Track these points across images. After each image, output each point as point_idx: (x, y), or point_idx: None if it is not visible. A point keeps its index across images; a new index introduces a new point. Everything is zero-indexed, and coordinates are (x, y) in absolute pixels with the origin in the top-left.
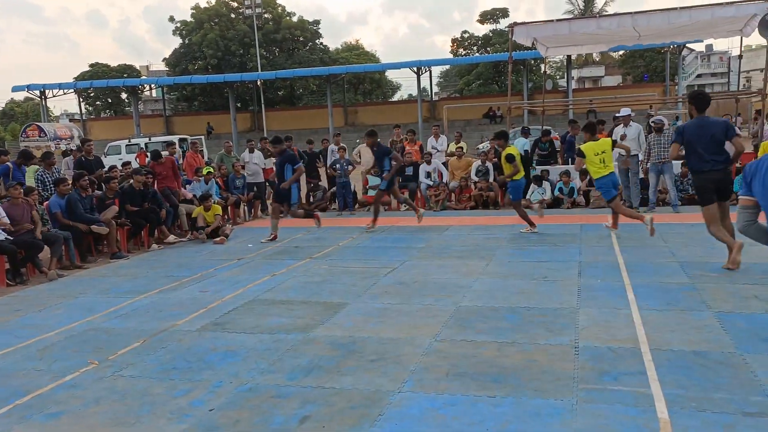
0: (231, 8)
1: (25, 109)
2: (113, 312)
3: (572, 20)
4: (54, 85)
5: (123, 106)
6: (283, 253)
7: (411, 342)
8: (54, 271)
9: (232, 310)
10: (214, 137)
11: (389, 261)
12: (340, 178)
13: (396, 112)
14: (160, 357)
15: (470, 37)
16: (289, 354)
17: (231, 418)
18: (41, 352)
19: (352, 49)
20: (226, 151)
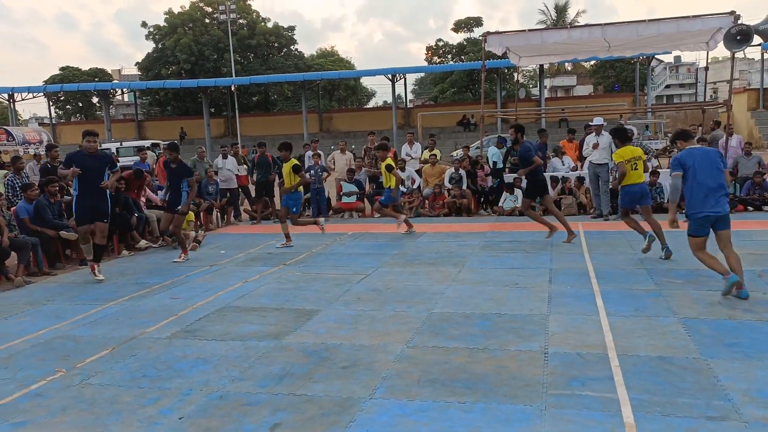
0: (205, 13)
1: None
2: (81, 319)
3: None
4: (23, 88)
5: (94, 111)
6: (255, 260)
7: (383, 348)
8: (21, 278)
9: (204, 317)
10: (187, 142)
11: (362, 268)
12: (314, 184)
13: (371, 119)
14: (129, 365)
15: (445, 45)
16: (260, 361)
17: (201, 426)
18: (6, 361)
19: (327, 56)
20: (199, 157)
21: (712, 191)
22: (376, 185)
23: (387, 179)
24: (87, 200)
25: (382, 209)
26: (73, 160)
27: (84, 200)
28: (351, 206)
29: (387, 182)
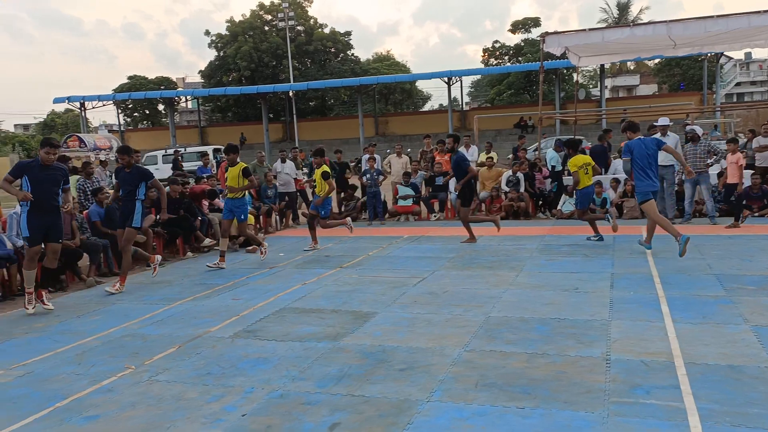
0: (264, 21)
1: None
2: (148, 318)
3: (606, 29)
4: (93, 96)
5: (160, 117)
6: (313, 262)
7: (440, 352)
8: (92, 278)
9: (264, 318)
10: (246, 147)
11: (418, 271)
12: (370, 188)
13: (426, 122)
14: (194, 363)
15: (502, 46)
16: (318, 362)
17: (262, 423)
18: (79, 357)
19: (383, 60)
20: (259, 162)
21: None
22: (433, 188)
23: (320, 186)
24: (39, 217)
25: (326, 223)
26: (23, 170)
27: (35, 217)
28: (407, 209)
29: (320, 189)
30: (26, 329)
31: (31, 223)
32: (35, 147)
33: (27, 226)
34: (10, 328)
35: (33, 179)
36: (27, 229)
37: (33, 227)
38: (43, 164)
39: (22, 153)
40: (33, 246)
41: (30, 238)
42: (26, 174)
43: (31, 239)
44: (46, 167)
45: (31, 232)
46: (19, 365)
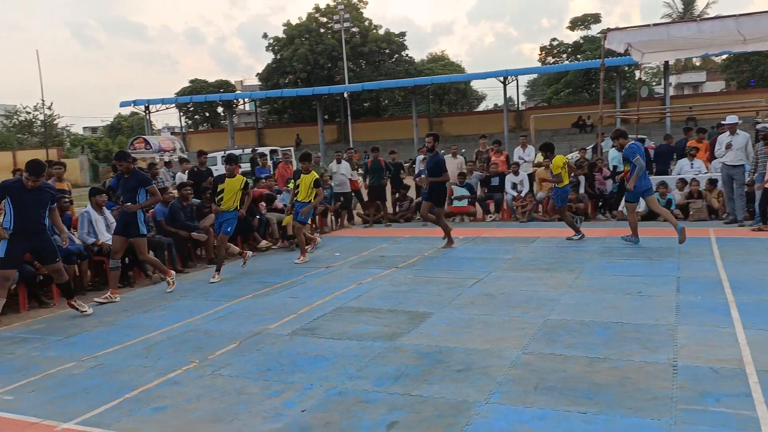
0: (320, 23)
1: (131, 123)
2: (211, 314)
3: (670, 24)
4: (157, 100)
5: (219, 119)
6: (369, 262)
7: (497, 354)
8: (158, 275)
9: (321, 316)
10: (302, 148)
11: (474, 272)
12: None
13: (481, 122)
14: (255, 358)
15: (560, 44)
16: (375, 361)
17: (322, 419)
18: (147, 350)
19: (438, 60)
20: (315, 162)
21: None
22: (489, 189)
23: (308, 192)
24: (23, 241)
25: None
26: (6, 192)
27: (18, 240)
28: (462, 210)
29: (308, 196)
30: (96, 323)
31: (12, 244)
32: (103, 149)
33: (5, 248)
34: (83, 321)
35: (16, 201)
36: (3, 249)
37: (12, 248)
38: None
39: (91, 154)
40: (5, 268)
41: (4, 259)
42: (9, 196)
43: (5, 260)
44: (32, 189)
45: (7, 251)
46: (91, 357)
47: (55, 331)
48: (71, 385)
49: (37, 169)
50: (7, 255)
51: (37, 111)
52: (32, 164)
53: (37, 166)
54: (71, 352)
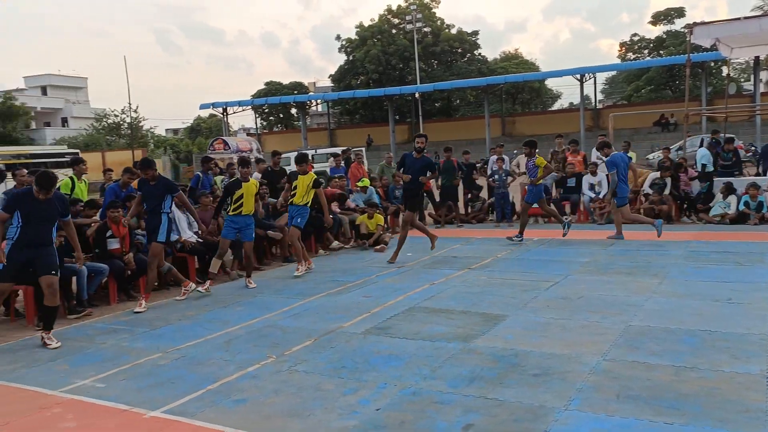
0: (392, 24)
1: (210, 125)
2: (287, 311)
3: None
4: (234, 102)
5: (292, 120)
6: (441, 263)
7: (576, 359)
8: (236, 272)
9: (394, 315)
10: (373, 149)
11: (550, 274)
12: (499, 189)
13: (556, 122)
14: (329, 356)
15: (641, 40)
16: (449, 362)
17: (396, 419)
18: (226, 344)
19: (511, 59)
20: (387, 163)
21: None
22: (564, 190)
23: (306, 195)
24: (24, 250)
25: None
26: (17, 204)
27: (18, 251)
28: (537, 212)
29: (304, 199)
30: (180, 316)
31: (10, 254)
32: (183, 150)
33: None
34: (167, 314)
35: (26, 214)
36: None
37: (10, 259)
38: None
39: (172, 155)
40: (1, 282)
41: (1, 271)
42: (19, 208)
43: (1, 272)
44: (42, 201)
45: (4, 266)
46: (175, 349)
47: (142, 323)
48: (157, 375)
49: (47, 182)
50: (4, 268)
51: (125, 114)
52: (42, 177)
53: (46, 179)
54: (157, 344)
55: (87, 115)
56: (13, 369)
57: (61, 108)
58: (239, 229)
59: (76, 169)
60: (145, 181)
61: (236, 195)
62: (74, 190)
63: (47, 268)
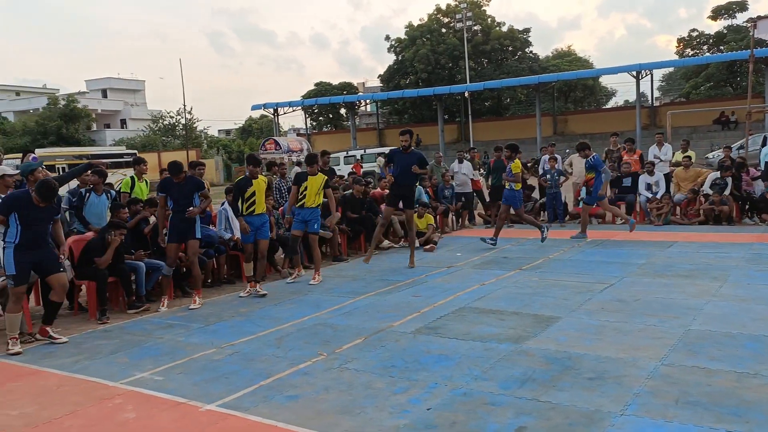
0: (442, 23)
1: (261, 125)
2: (337, 310)
3: None
4: (285, 103)
5: (341, 121)
6: (491, 263)
7: (633, 363)
8: (286, 270)
9: (444, 315)
10: (421, 148)
11: (605, 276)
12: (551, 188)
13: (610, 120)
14: (379, 354)
15: (699, 35)
16: (501, 363)
17: (447, 419)
18: (278, 341)
19: (564, 56)
20: (436, 162)
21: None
22: (619, 189)
23: (317, 196)
24: (28, 253)
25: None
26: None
27: (23, 253)
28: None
29: (316, 201)
30: (233, 313)
31: (18, 258)
32: (235, 150)
33: (13, 262)
34: (220, 311)
35: (23, 217)
36: (13, 266)
37: (20, 263)
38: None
39: (225, 155)
40: (19, 285)
41: (16, 276)
42: (16, 211)
43: (17, 277)
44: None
45: (17, 268)
46: (229, 345)
47: (197, 318)
48: (212, 370)
49: (49, 194)
50: (19, 272)
51: (179, 115)
52: (44, 188)
53: (49, 190)
54: (211, 339)
55: (144, 116)
56: (77, 361)
57: (120, 110)
58: (256, 229)
59: (137, 169)
60: (172, 183)
61: (248, 193)
62: (134, 189)
63: (55, 267)
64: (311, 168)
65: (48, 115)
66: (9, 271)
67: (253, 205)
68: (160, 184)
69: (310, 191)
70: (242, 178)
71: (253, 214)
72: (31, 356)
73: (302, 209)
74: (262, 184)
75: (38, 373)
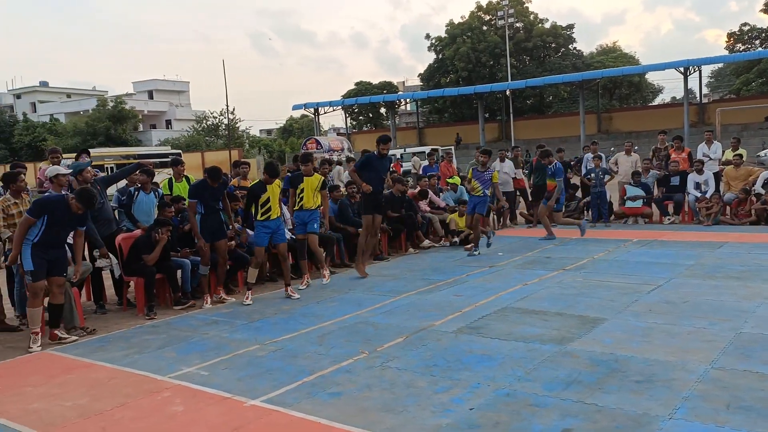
0: (483, 21)
1: (301, 125)
2: (378, 308)
3: None
4: (325, 102)
5: (381, 120)
6: (533, 263)
7: (682, 366)
8: (329, 269)
9: (486, 315)
10: (462, 147)
11: (652, 277)
12: (595, 187)
13: (656, 117)
14: (421, 353)
15: (751, 29)
16: (545, 364)
17: (490, 419)
18: (321, 339)
19: (608, 52)
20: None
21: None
22: (667, 189)
23: (314, 197)
24: (45, 251)
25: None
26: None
27: (41, 251)
28: (636, 211)
29: (315, 202)
30: (275, 310)
31: (36, 255)
32: (276, 150)
33: (31, 260)
34: (264, 308)
35: (52, 220)
36: (31, 263)
37: (37, 260)
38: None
39: (266, 155)
40: (37, 281)
41: (34, 272)
42: (47, 214)
43: (35, 273)
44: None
45: (35, 264)
46: (272, 341)
47: (240, 315)
48: (256, 366)
49: (89, 201)
50: (36, 268)
51: (222, 116)
52: (84, 196)
53: (89, 198)
54: (255, 336)
55: (188, 117)
56: (127, 355)
57: (165, 111)
58: (271, 232)
59: (175, 170)
60: (207, 186)
61: (262, 199)
62: (172, 190)
63: (62, 270)
64: (306, 167)
65: (97, 117)
66: (27, 267)
67: (268, 211)
68: (193, 188)
69: (307, 192)
70: (256, 183)
71: (269, 219)
72: (83, 349)
73: (301, 211)
74: (276, 189)
75: (91, 366)
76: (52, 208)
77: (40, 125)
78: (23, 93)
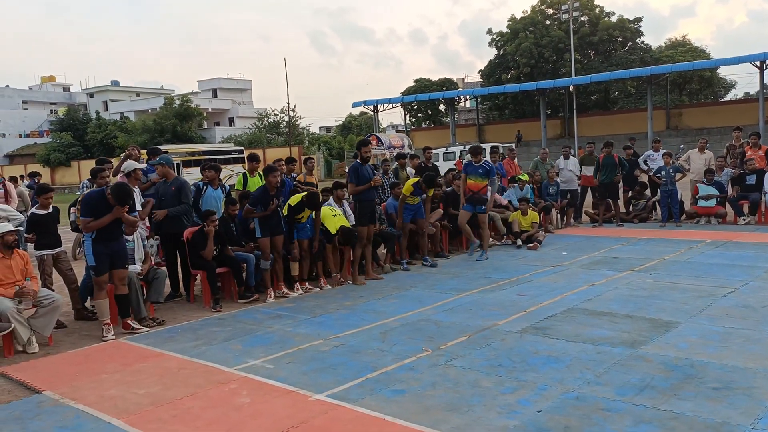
0: (546, 15)
1: (360, 122)
2: (440, 306)
3: None
4: (384, 99)
5: (440, 117)
6: (600, 263)
7: (764, 374)
8: (389, 265)
9: (551, 316)
10: (522, 144)
11: (728, 280)
12: (665, 186)
13: (728, 114)
14: (485, 353)
15: None
16: (615, 368)
17: (560, 422)
18: (383, 335)
19: (678, 46)
20: (542, 158)
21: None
22: (743, 188)
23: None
24: (107, 245)
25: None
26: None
27: (101, 244)
28: (709, 211)
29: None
30: (337, 306)
31: (96, 250)
32: (335, 147)
33: (92, 255)
34: (326, 303)
35: (99, 216)
36: (93, 258)
37: (98, 254)
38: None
39: (325, 152)
40: (100, 275)
41: (96, 267)
42: (95, 212)
43: (97, 268)
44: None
45: (96, 259)
46: (335, 337)
47: (303, 310)
48: (320, 361)
49: (121, 198)
50: (98, 262)
51: (283, 113)
52: (121, 193)
53: (120, 194)
54: (318, 331)
55: (251, 114)
56: (195, 346)
57: (228, 109)
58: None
59: (250, 165)
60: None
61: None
62: (246, 184)
63: (123, 263)
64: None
65: (164, 114)
66: (89, 262)
67: (300, 220)
68: (255, 197)
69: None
70: (299, 203)
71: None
72: (154, 339)
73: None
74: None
75: (162, 355)
76: (97, 206)
77: (112, 123)
78: (96, 92)
